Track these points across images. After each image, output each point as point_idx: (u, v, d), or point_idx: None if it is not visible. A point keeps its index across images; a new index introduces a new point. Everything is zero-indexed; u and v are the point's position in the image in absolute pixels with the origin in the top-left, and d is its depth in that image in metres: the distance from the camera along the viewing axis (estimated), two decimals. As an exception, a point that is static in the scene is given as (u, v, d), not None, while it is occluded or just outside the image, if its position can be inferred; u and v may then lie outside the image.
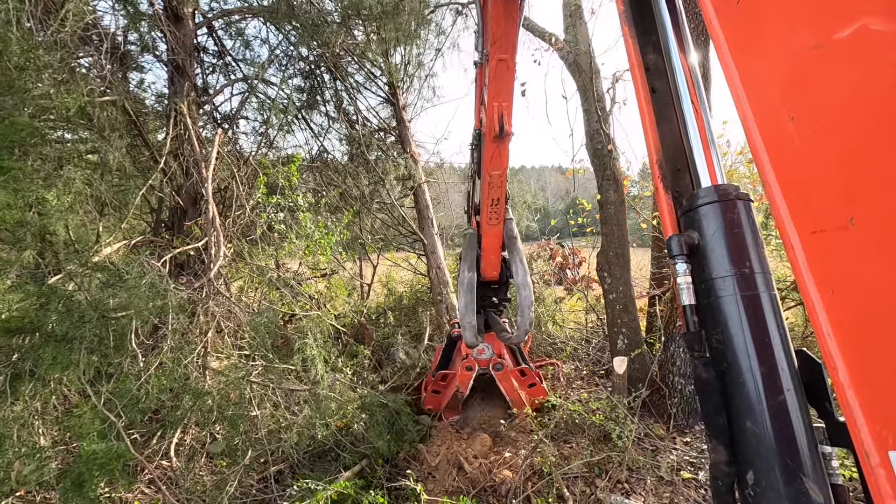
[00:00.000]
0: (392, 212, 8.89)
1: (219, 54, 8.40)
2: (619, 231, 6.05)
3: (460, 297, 2.92)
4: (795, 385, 1.01)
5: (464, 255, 3.09)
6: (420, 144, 9.83)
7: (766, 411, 1.00)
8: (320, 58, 8.38)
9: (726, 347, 1.08)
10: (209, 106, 8.12)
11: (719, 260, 1.12)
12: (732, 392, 1.07)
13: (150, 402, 3.09)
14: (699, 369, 1.12)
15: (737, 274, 1.09)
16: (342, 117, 9.18)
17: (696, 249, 1.17)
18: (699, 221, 1.17)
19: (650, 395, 5.62)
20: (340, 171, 9.13)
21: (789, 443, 0.98)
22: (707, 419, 1.12)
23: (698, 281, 1.16)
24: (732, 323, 1.08)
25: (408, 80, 9.71)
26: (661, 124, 1.37)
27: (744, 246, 1.11)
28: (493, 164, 2.50)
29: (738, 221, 1.12)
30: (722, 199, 1.15)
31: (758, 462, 1.00)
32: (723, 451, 1.06)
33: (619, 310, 5.97)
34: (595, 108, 6.06)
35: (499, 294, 3.66)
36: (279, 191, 5.04)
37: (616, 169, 6.11)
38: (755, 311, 1.07)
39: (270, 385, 3.69)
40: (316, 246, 5.19)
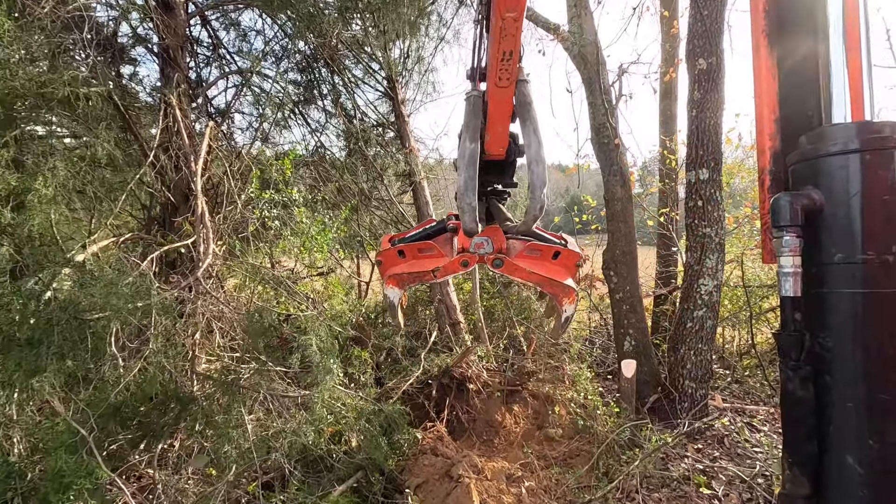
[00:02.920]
0: (391, 209, 8.67)
1: (213, 47, 8.17)
2: (626, 228, 5.84)
3: (460, 173, 2.42)
4: None
5: (465, 122, 2.56)
6: (419, 140, 9.61)
7: (877, 449, 0.78)
8: (317, 50, 8.14)
9: (835, 358, 0.84)
10: (202, 99, 7.90)
11: (850, 238, 0.80)
12: (833, 417, 0.84)
13: (129, 410, 2.88)
14: (792, 382, 0.88)
15: (874, 261, 0.77)
16: (340, 112, 8.96)
17: (814, 216, 0.82)
18: (828, 175, 0.82)
19: (658, 398, 5.42)
20: (338, 167, 8.91)
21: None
22: (791, 443, 0.89)
23: (809, 264, 0.85)
24: (851, 327, 0.81)
25: (407, 75, 9.49)
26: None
27: (893, 220, 0.76)
28: (507, 2, 1.94)
29: (892, 183, 0.76)
30: (871, 147, 0.78)
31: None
32: (805, 484, 0.86)
33: (626, 310, 5.76)
34: (602, 101, 5.84)
35: (504, 177, 2.98)
36: (272, 185, 4.82)
37: (623, 164, 5.90)
38: (888, 316, 0.77)
39: (261, 391, 3.47)
40: (312, 243, 4.97)
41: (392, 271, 2.90)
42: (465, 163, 2.40)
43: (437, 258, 2.95)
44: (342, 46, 8.53)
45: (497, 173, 2.92)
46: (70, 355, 2.68)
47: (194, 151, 4.66)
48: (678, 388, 5.08)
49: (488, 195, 2.96)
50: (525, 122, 2.41)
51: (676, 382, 5.10)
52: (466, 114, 2.57)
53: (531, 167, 2.32)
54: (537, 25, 7.00)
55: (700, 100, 4.88)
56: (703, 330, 4.90)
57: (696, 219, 4.99)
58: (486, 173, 2.79)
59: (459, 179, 2.39)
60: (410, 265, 2.95)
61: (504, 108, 2.46)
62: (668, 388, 5.19)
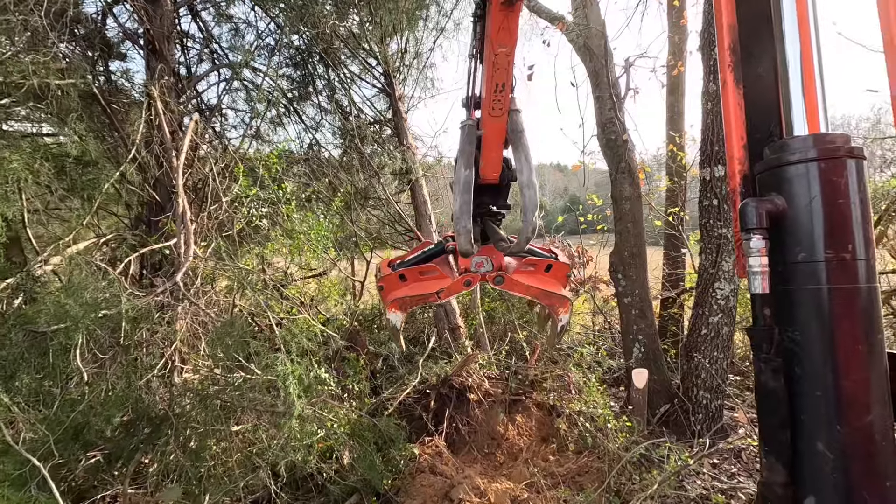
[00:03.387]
0: (388, 208, 8.36)
1: (204, 41, 7.86)
2: (635, 229, 5.54)
3: (456, 197, 2.55)
4: (885, 404, 0.82)
5: (460, 149, 2.66)
6: (417, 137, 9.31)
7: (844, 434, 0.82)
8: (311, 43, 7.84)
9: (803, 350, 0.88)
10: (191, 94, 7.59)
11: (811, 238, 0.87)
12: (803, 405, 0.88)
13: (93, 432, 2.57)
14: (764, 374, 0.91)
15: (833, 259, 0.85)
16: (335, 108, 8.65)
17: (778, 220, 0.89)
18: (788, 183, 0.88)
19: (670, 409, 5.13)
20: (333, 165, 8.61)
21: (870, 472, 0.81)
22: (766, 431, 0.93)
23: (776, 262, 0.91)
24: (816, 321, 0.86)
25: (404, 70, 9.19)
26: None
27: (848, 222, 0.84)
28: (500, 38, 2.08)
29: (844, 188, 0.84)
30: (825, 157, 0.85)
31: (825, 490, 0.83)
32: (781, 471, 0.89)
33: (635, 315, 5.46)
34: (610, 95, 5.55)
35: (498, 200, 3.11)
36: (259, 182, 4.51)
37: (631, 161, 5.61)
38: (849, 309, 0.84)
39: (243, 405, 3.16)
40: (304, 241, 4.66)
41: (394, 296, 2.94)
42: (461, 188, 2.54)
43: (439, 279, 3.06)
44: (337, 40, 8.23)
45: (492, 196, 3.05)
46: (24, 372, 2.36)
47: (176, 147, 4.35)
48: (692, 399, 4.79)
49: (483, 217, 3.06)
50: (517, 149, 2.57)
51: (690, 392, 4.81)
52: (461, 141, 2.69)
53: (523, 191, 2.48)
54: (539, 16, 6.70)
55: (716, 91, 4.58)
56: (718, 337, 4.61)
57: (710, 219, 4.70)
58: (481, 196, 2.90)
59: (455, 204, 2.54)
60: (412, 288, 3.04)
61: (497, 136, 2.63)
62: (680, 398, 4.90)
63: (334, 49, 8.27)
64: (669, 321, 7.15)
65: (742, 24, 1.05)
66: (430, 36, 9.26)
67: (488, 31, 2.17)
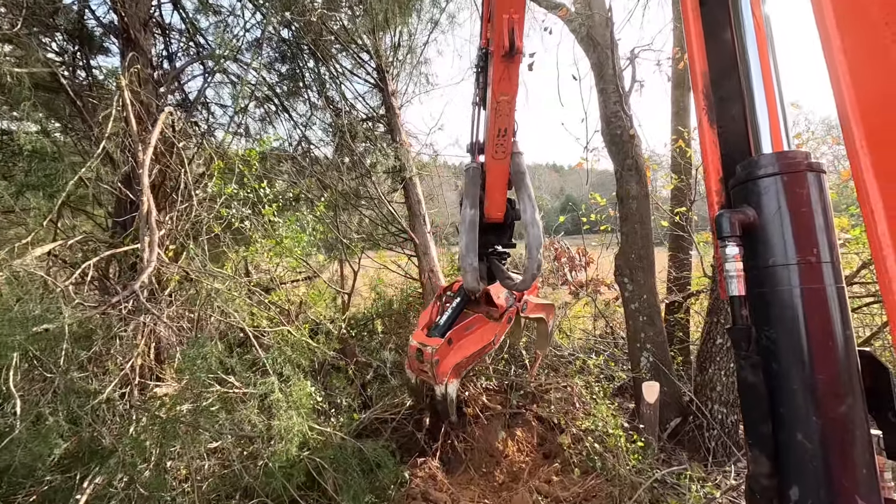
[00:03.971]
0: (380, 208, 7.97)
1: (188, 33, 7.45)
2: (643, 230, 5.19)
3: (462, 236, 2.69)
4: (857, 395, 0.88)
5: (465, 191, 2.85)
6: (411, 134, 8.93)
7: (821, 424, 0.88)
8: (299, 34, 7.45)
9: (778, 348, 0.94)
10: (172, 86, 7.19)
11: (779, 245, 0.96)
12: (782, 399, 0.93)
13: (22, 472, 2.18)
14: (745, 371, 0.98)
15: (801, 262, 0.93)
16: (325, 104, 8.27)
17: (750, 229, 0.99)
18: (757, 195, 0.98)
19: (681, 423, 4.78)
20: (322, 163, 8.22)
21: (846, 460, 0.86)
22: (749, 426, 0.98)
23: (751, 267, 1.00)
24: (789, 320, 0.93)
25: (398, 65, 8.83)
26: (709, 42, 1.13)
27: (811, 229, 0.94)
28: (502, 87, 2.24)
29: (806, 198, 0.95)
30: (787, 171, 0.95)
31: (806, 478, 0.88)
32: (765, 463, 0.94)
33: (643, 322, 5.11)
34: (616, 87, 5.19)
35: (502, 239, 3.28)
36: (235, 180, 4.12)
37: (638, 157, 5.25)
38: (818, 308, 0.91)
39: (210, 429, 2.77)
40: (287, 245, 4.27)
41: (450, 364, 2.91)
42: (466, 227, 2.68)
43: (482, 328, 3.19)
44: (327, 32, 7.84)
45: (497, 235, 3.21)
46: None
47: (143, 141, 3.95)
48: (706, 414, 4.44)
49: (489, 256, 3.19)
50: (520, 189, 2.71)
51: (704, 407, 4.46)
52: (466, 184, 2.86)
53: (528, 229, 2.60)
54: (539, 5, 6.33)
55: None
56: (735, 347, 4.25)
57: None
58: (486, 235, 3.08)
59: (461, 242, 2.67)
60: (464, 348, 3.08)
61: (500, 177, 2.75)
62: (693, 412, 4.55)
63: (324, 42, 7.90)
64: (676, 327, 6.81)
65: (713, 70, 1.15)
66: (424, 29, 8.92)
67: (490, 80, 2.31)
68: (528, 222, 2.61)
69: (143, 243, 3.41)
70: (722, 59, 1.14)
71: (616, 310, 8.76)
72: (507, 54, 2.04)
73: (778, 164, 0.98)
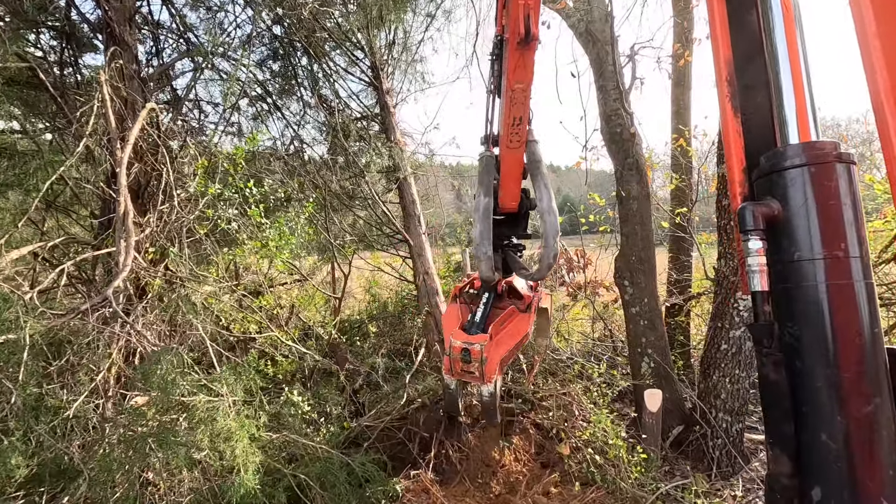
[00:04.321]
0: (374, 208, 7.79)
1: (178, 31, 7.27)
2: (643, 231, 5.03)
3: (475, 225, 2.61)
4: (885, 395, 0.84)
5: (479, 179, 2.81)
6: (406, 133, 8.75)
7: (846, 424, 0.85)
8: (291, 30, 7.26)
9: (802, 345, 0.90)
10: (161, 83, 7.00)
11: (805, 238, 0.91)
12: (805, 398, 0.90)
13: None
14: (766, 368, 0.94)
15: (827, 257, 0.89)
16: (318, 102, 8.09)
17: (774, 222, 0.95)
18: (782, 187, 0.94)
19: (684, 431, 4.62)
20: (315, 163, 8.04)
21: (872, 462, 0.82)
22: (770, 424, 0.95)
23: (775, 262, 0.95)
24: (814, 317, 0.88)
25: (393, 63, 8.66)
26: (733, 28, 1.08)
27: (840, 222, 0.89)
28: (517, 75, 2.18)
29: (834, 191, 0.89)
30: (815, 162, 0.91)
31: (829, 479, 0.85)
32: (786, 463, 0.91)
33: (644, 326, 4.95)
34: (617, 83, 5.03)
35: (517, 230, 3.23)
36: (218, 179, 3.93)
37: (639, 156, 5.09)
38: (846, 304, 0.87)
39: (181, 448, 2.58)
40: (273, 247, 4.09)
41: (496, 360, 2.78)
42: (480, 215, 2.60)
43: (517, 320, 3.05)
44: (320, 28, 7.66)
45: (511, 226, 3.19)
46: None
47: (121, 138, 3.77)
48: (710, 422, 4.28)
49: (504, 248, 3.16)
50: (536, 177, 2.67)
51: (708, 414, 4.29)
52: (480, 172, 2.82)
53: (544, 217, 2.52)
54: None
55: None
56: (740, 353, 4.09)
57: (731, 220, 4.18)
58: (500, 227, 3.08)
59: (475, 231, 2.60)
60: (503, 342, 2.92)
61: (515, 166, 2.74)
62: (697, 420, 4.39)
63: (317, 39, 7.72)
64: (676, 330, 6.65)
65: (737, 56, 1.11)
66: (419, 27, 8.75)
67: (505, 68, 2.30)
68: (545, 210, 2.53)
69: (119, 246, 3.22)
70: (747, 45, 1.09)
71: (615, 312, 8.60)
72: (523, 41, 2.00)
73: (805, 154, 0.93)
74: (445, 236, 10.11)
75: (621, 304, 5.38)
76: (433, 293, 6.63)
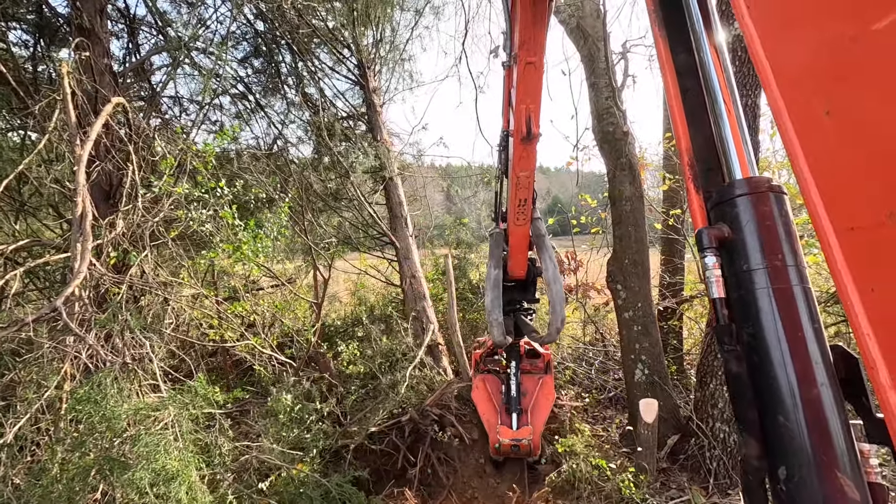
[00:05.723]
0: (360, 210, 7.55)
1: (157, 26, 7.00)
2: (637, 233, 4.85)
3: (487, 294, 2.93)
4: (830, 380, 0.98)
5: (490, 252, 3.17)
6: (394, 133, 8.54)
7: (799, 405, 0.98)
8: (274, 25, 7.02)
9: (758, 341, 1.05)
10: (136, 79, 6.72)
11: (750, 252, 1.09)
12: (764, 386, 1.03)
13: None
14: (730, 363, 1.09)
15: (768, 266, 1.06)
16: (303, 100, 7.85)
17: (725, 242, 1.14)
18: (730, 214, 1.14)
19: (680, 441, 4.45)
20: (299, 162, 7.79)
21: (823, 437, 0.95)
22: (738, 413, 1.08)
23: (729, 274, 1.13)
24: (764, 316, 1.05)
25: (380, 61, 8.44)
26: (691, 124, 1.31)
27: (776, 238, 1.08)
28: (521, 165, 2.52)
29: (769, 213, 1.10)
30: (753, 192, 1.12)
31: (791, 457, 0.98)
32: (754, 445, 1.03)
33: (638, 332, 4.77)
34: (609, 81, 4.85)
35: (527, 295, 3.63)
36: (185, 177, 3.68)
37: (632, 156, 4.92)
38: (787, 304, 1.03)
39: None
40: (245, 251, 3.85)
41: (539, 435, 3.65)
42: (491, 285, 2.94)
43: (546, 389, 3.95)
44: (304, 25, 7.41)
45: (521, 292, 3.58)
46: None
47: (82, 133, 3.51)
48: (707, 432, 4.10)
49: (516, 312, 3.54)
50: (541, 250, 2.98)
51: (705, 424, 4.12)
52: (491, 246, 3.23)
53: (550, 286, 2.79)
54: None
55: (735, 73, 3.91)
56: (738, 360, 3.92)
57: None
58: (512, 294, 3.49)
59: (487, 300, 2.93)
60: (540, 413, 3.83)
61: (522, 240, 3.08)
62: (692, 429, 4.21)
63: (301, 35, 7.48)
64: (670, 334, 6.49)
65: (696, 145, 1.31)
66: (407, 25, 8.54)
67: (511, 158, 2.59)
68: (550, 280, 2.80)
69: (75, 251, 2.97)
70: (704, 136, 1.28)
71: (606, 314, 8.44)
72: (525, 138, 2.29)
73: (746, 186, 1.13)
74: (434, 238, 9.89)
75: (614, 309, 5.20)
76: (420, 297, 6.41)
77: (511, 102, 2.48)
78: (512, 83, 2.40)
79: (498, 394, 4.09)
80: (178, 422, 2.32)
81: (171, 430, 2.26)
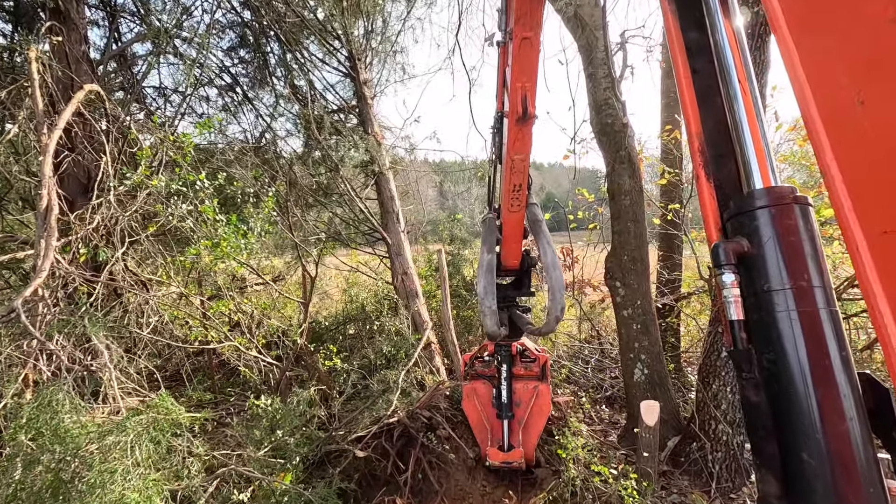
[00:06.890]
0: (351, 205, 7.35)
1: (140, 15, 6.74)
2: (637, 228, 4.70)
3: (480, 280, 2.78)
4: (859, 413, 0.90)
5: (483, 238, 3.05)
6: (385, 127, 8.32)
7: (824, 442, 0.89)
8: (260, 13, 6.78)
9: (779, 369, 0.96)
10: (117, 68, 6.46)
11: (773, 271, 1.00)
12: (785, 418, 0.95)
13: None
14: (747, 391, 1.00)
15: (793, 287, 0.97)
16: (292, 92, 7.61)
17: (744, 258, 1.04)
18: (750, 227, 1.04)
19: (680, 442, 4.31)
20: (288, 156, 7.57)
21: (851, 478, 0.87)
22: (756, 446, 0.99)
23: (748, 294, 1.03)
24: (787, 342, 0.96)
25: (371, 53, 8.22)
26: (702, 107, 1.23)
27: (801, 256, 0.99)
28: (516, 147, 2.45)
29: (794, 228, 1.00)
30: (776, 204, 1.02)
31: (814, 498, 0.89)
32: (773, 483, 0.95)
33: (637, 330, 4.62)
34: (609, 70, 4.68)
35: (521, 288, 3.46)
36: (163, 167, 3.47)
37: (632, 148, 4.75)
38: (813, 330, 0.94)
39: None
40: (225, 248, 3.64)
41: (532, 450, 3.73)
42: (484, 271, 2.78)
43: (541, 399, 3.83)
44: (292, 14, 7.18)
45: (516, 287, 3.46)
46: None
47: (49, 121, 3.28)
48: (709, 433, 3.96)
49: (510, 306, 3.36)
50: (538, 235, 2.82)
51: (707, 426, 3.98)
52: (483, 232, 3.08)
53: (549, 272, 2.63)
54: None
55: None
56: (742, 360, 3.78)
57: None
58: (507, 289, 3.39)
59: (479, 286, 2.76)
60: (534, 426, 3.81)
61: (516, 228, 2.99)
62: (694, 431, 4.07)
63: (289, 25, 7.24)
64: (668, 332, 6.36)
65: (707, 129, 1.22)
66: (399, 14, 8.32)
67: (506, 141, 2.51)
68: (549, 266, 2.63)
69: (39, 247, 2.75)
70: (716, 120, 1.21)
71: (602, 311, 8.31)
72: (521, 118, 2.19)
73: (767, 197, 1.04)
74: (427, 234, 9.71)
75: (612, 306, 5.05)
76: (413, 295, 6.23)
77: (506, 82, 2.40)
78: (507, 62, 2.32)
79: (489, 405, 3.95)
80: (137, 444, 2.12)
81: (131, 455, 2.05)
